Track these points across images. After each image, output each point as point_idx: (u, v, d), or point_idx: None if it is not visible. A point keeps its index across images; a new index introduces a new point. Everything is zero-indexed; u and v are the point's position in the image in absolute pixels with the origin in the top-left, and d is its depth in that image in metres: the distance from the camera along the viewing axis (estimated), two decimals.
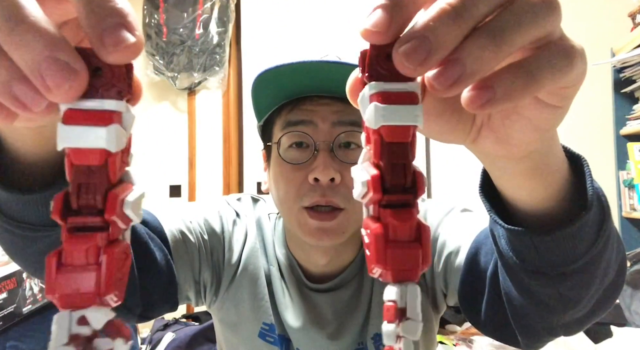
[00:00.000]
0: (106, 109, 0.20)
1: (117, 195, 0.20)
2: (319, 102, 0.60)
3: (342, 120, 0.59)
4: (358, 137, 0.59)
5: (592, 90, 2.12)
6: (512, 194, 0.35)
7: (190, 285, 0.63)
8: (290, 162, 0.59)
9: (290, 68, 0.58)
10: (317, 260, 0.65)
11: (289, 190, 0.59)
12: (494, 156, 0.31)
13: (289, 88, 0.60)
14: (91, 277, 0.19)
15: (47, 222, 0.35)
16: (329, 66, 0.57)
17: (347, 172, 0.58)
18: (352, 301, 0.66)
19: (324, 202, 0.57)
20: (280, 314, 0.67)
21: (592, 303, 0.39)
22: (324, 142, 0.58)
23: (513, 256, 0.37)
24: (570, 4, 2.16)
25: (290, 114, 0.61)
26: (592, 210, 0.33)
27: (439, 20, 0.20)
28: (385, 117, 0.20)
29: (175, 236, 0.59)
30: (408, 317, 0.20)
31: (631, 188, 1.85)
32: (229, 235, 0.68)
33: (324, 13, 2.39)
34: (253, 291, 0.67)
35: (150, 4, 2.44)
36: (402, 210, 0.21)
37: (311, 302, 0.67)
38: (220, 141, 2.45)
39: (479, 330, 0.51)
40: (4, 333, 1.25)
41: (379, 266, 0.20)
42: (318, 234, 0.58)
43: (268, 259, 0.69)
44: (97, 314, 0.19)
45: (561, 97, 0.25)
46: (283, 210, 0.62)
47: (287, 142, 0.60)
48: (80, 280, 0.19)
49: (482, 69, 0.21)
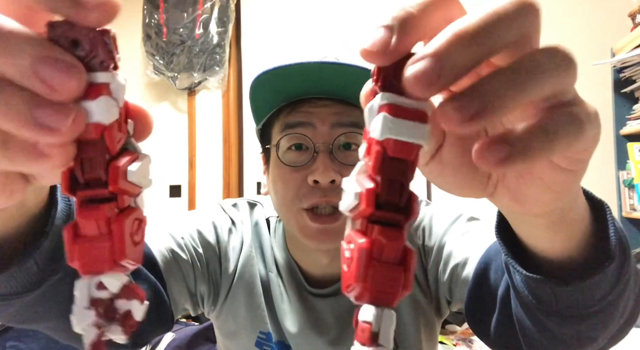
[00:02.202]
0: (92, 82, 0.19)
1: (117, 166, 0.20)
2: (318, 104, 0.59)
3: (341, 122, 0.59)
4: (358, 138, 0.59)
5: (592, 90, 2.11)
6: (531, 242, 0.33)
7: (186, 299, 0.62)
8: (289, 164, 0.59)
9: (287, 70, 0.57)
10: (320, 261, 0.64)
11: (288, 192, 0.59)
12: (512, 212, 0.30)
13: (287, 90, 0.60)
14: (104, 245, 0.20)
15: (17, 290, 0.32)
16: (327, 67, 0.57)
17: (347, 174, 0.57)
18: (354, 307, 0.65)
19: (324, 203, 0.57)
20: (279, 320, 0.66)
21: (610, 335, 0.38)
22: (324, 144, 0.58)
23: (529, 295, 0.35)
24: (570, 4, 2.16)
25: (289, 116, 0.60)
26: (614, 259, 0.32)
27: (454, 43, 0.19)
28: (392, 130, 0.20)
29: (166, 257, 0.58)
30: (380, 343, 0.20)
31: (631, 188, 1.85)
32: (224, 245, 0.67)
33: (324, 13, 2.39)
34: (249, 300, 0.67)
35: (150, 4, 2.44)
36: (392, 229, 0.20)
37: (312, 307, 0.66)
38: (220, 141, 2.45)
39: (487, 344, 0.50)
40: (4, 333, 1.25)
41: (357, 284, 0.19)
42: (319, 237, 0.58)
43: (266, 265, 0.68)
44: (112, 279, 0.20)
45: (575, 161, 0.24)
46: (282, 212, 0.61)
47: (286, 144, 0.60)
48: (94, 249, 0.20)
49: (502, 108, 0.20)
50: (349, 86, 0.58)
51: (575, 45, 2.13)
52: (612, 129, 1.95)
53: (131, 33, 2.54)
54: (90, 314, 0.20)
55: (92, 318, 0.20)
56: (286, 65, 0.57)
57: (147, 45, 2.44)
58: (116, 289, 0.21)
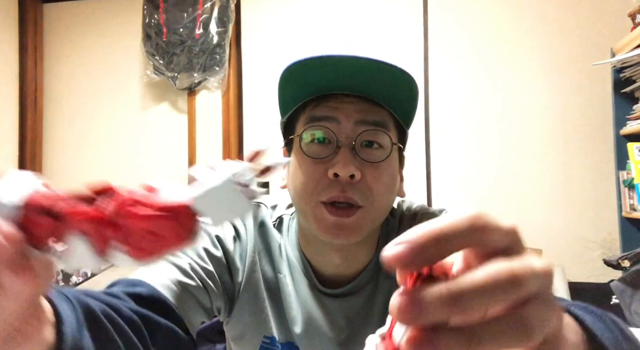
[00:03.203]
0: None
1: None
2: (344, 100, 0.60)
3: (365, 120, 0.59)
4: (381, 136, 0.59)
5: (592, 90, 2.12)
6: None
7: (204, 316, 0.62)
8: (311, 156, 0.59)
9: (316, 61, 0.57)
10: (332, 260, 0.64)
11: (307, 184, 0.59)
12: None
13: (314, 83, 0.60)
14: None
15: None
16: (358, 62, 0.57)
17: (367, 171, 0.58)
18: (365, 309, 0.65)
19: (342, 198, 0.57)
20: (287, 321, 0.66)
21: None
22: (347, 139, 0.58)
23: None
24: (570, 4, 2.16)
25: (315, 109, 0.60)
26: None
27: (434, 301, 0.21)
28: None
29: (175, 291, 0.58)
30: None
31: (631, 188, 1.85)
32: (231, 256, 0.67)
33: (324, 13, 2.38)
34: (252, 305, 0.67)
35: (150, 4, 2.44)
36: None
37: (323, 306, 0.65)
38: (220, 141, 2.45)
39: None
40: None
41: None
42: (335, 231, 0.58)
43: (275, 266, 0.68)
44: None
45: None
46: (300, 204, 0.61)
47: (310, 136, 0.60)
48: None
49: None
50: (376, 83, 0.59)
51: (575, 45, 2.13)
52: (612, 129, 1.95)
53: (131, 33, 2.54)
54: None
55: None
56: (316, 56, 0.57)
57: (147, 45, 2.44)
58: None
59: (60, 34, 2.66)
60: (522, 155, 2.18)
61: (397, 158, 0.63)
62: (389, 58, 0.56)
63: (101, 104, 2.59)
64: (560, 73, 2.16)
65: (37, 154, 2.60)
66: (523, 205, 2.17)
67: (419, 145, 2.26)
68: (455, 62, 2.27)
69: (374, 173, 0.58)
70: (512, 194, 2.18)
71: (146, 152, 2.53)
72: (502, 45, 2.23)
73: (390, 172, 0.61)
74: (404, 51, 2.31)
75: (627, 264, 1.65)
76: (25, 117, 2.56)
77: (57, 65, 2.65)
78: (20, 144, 2.56)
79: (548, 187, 2.15)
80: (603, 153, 2.05)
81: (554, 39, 2.16)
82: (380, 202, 0.59)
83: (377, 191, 0.58)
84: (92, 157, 2.59)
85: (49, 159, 2.64)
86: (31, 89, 2.58)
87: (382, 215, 0.63)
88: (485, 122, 2.23)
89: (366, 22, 2.35)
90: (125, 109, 2.56)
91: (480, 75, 2.24)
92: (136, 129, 2.54)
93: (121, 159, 2.55)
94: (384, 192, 0.60)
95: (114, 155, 2.56)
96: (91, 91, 2.61)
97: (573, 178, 2.11)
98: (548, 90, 2.17)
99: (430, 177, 2.26)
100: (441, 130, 2.27)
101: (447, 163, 2.25)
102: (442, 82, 2.28)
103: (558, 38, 2.16)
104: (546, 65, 2.17)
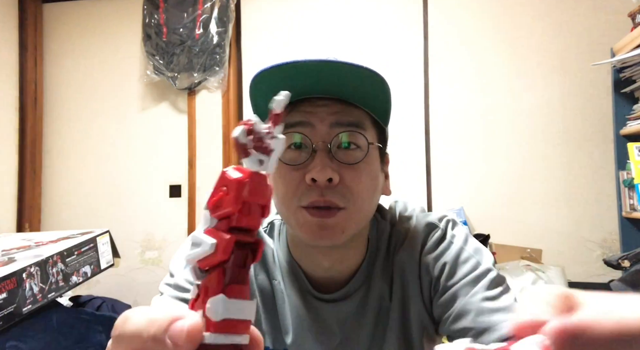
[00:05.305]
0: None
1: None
2: (318, 104, 0.59)
3: (340, 121, 0.59)
4: (357, 137, 0.59)
5: (592, 90, 2.12)
6: None
7: None
8: (288, 163, 0.59)
9: (286, 69, 0.57)
10: (321, 263, 0.64)
11: (287, 191, 0.59)
12: None
13: (286, 89, 0.59)
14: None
15: None
16: (326, 66, 0.57)
17: (345, 172, 0.58)
18: (357, 314, 0.65)
19: (322, 203, 0.57)
20: (281, 328, 0.66)
21: None
22: (322, 143, 0.58)
23: None
24: (570, 4, 2.16)
25: (288, 116, 0.60)
26: None
27: None
28: None
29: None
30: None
31: (631, 188, 1.85)
32: None
33: (324, 13, 2.39)
34: None
35: (150, 4, 2.44)
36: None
37: (315, 311, 0.65)
38: (220, 141, 2.45)
39: None
40: (4, 333, 1.24)
41: None
42: (318, 231, 0.57)
43: (269, 273, 0.68)
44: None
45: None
46: (282, 210, 0.61)
47: (285, 143, 0.60)
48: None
49: None
50: (348, 85, 0.58)
51: (575, 45, 2.13)
52: (612, 129, 1.95)
53: (131, 33, 2.54)
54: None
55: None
56: (285, 63, 0.56)
57: (147, 45, 2.44)
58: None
59: (60, 34, 2.66)
60: (522, 155, 2.19)
61: (377, 157, 0.62)
62: (358, 60, 0.56)
63: (101, 103, 2.59)
64: (560, 73, 2.16)
65: (37, 154, 2.60)
66: (523, 205, 2.17)
67: (419, 146, 2.26)
68: (455, 62, 2.27)
69: (352, 174, 0.58)
70: (512, 193, 2.18)
71: (146, 152, 2.53)
72: (502, 45, 2.23)
73: (370, 172, 0.60)
74: (404, 51, 2.31)
75: (627, 264, 1.65)
76: (25, 117, 2.56)
77: (57, 65, 2.65)
78: (20, 144, 2.56)
79: (548, 187, 2.15)
80: (603, 153, 2.06)
81: (554, 39, 2.16)
82: (362, 203, 0.59)
83: (358, 192, 0.58)
84: (92, 156, 2.59)
85: (49, 159, 2.64)
86: (31, 89, 2.58)
87: (367, 216, 0.62)
88: (485, 122, 2.23)
89: (366, 22, 2.35)
90: (125, 108, 2.56)
91: (480, 76, 2.24)
92: (136, 128, 2.55)
93: (121, 158, 2.55)
94: (365, 193, 0.59)
95: (114, 155, 2.56)
96: (91, 91, 2.61)
97: (573, 178, 2.11)
98: (548, 90, 2.17)
99: (430, 177, 2.26)
100: (441, 130, 2.27)
101: (447, 163, 2.25)
102: (442, 82, 2.28)
103: (558, 38, 2.16)
104: (546, 65, 2.17)
